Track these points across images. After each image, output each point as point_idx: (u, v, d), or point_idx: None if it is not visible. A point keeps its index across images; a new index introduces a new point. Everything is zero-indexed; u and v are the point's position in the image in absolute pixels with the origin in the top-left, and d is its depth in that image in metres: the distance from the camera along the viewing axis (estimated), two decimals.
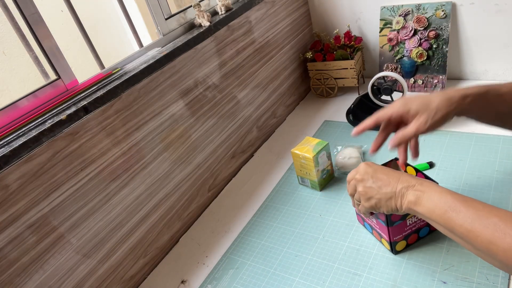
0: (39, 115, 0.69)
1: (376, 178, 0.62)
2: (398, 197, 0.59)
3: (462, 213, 0.51)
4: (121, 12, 0.92)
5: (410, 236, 0.71)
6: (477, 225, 0.49)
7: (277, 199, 0.95)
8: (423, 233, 0.73)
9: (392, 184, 0.60)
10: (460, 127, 0.98)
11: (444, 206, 0.53)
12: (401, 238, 0.71)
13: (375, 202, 0.61)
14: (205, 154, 0.99)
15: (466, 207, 0.51)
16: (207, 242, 0.90)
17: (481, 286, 0.62)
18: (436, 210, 0.54)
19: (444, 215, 0.53)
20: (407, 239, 0.72)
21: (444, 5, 1.11)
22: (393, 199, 0.59)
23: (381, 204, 0.61)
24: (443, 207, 0.53)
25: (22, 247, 0.64)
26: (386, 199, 0.60)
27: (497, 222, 0.47)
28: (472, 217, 0.50)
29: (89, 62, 0.90)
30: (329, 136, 1.11)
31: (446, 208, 0.53)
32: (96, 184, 0.74)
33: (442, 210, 0.53)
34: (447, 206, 0.53)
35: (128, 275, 0.83)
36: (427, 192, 0.56)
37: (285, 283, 0.74)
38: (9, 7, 0.69)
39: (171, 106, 0.88)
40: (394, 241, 0.70)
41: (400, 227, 0.69)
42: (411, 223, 0.70)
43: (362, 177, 0.64)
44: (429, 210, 0.55)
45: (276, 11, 1.20)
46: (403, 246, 0.72)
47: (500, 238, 0.46)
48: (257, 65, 1.15)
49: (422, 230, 0.72)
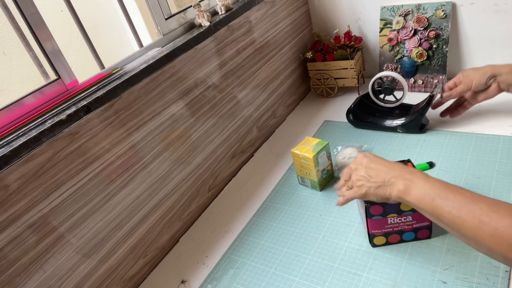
0: (39, 115, 0.69)
1: (368, 168, 0.65)
2: (387, 185, 0.61)
3: (450, 200, 0.52)
4: (121, 12, 0.92)
5: (391, 235, 0.73)
6: (464, 211, 0.50)
7: (277, 199, 0.95)
8: (407, 237, 0.73)
9: (382, 174, 0.62)
10: (460, 127, 0.98)
11: (433, 193, 0.55)
12: (380, 234, 0.72)
13: (365, 190, 0.64)
14: (205, 154, 0.99)
15: (454, 194, 0.53)
16: (207, 242, 0.90)
17: (481, 286, 0.62)
18: (425, 198, 0.55)
19: (432, 202, 0.54)
20: (388, 237, 0.73)
21: (444, 5, 1.11)
22: (382, 188, 0.62)
23: (371, 192, 0.63)
24: (431, 195, 0.55)
25: (22, 247, 0.64)
26: (375, 187, 0.63)
27: (484, 208, 0.49)
28: (460, 203, 0.51)
29: (89, 62, 0.90)
30: (329, 136, 1.11)
31: (434, 195, 0.54)
32: (96, 184, 0.74)
33: (430, 197, 0.55)
34: (435, 194, 0.54)
35: (128, 275, 0.83)
36: (416, 181, 0.58)
37: (285, 283, 0.74)
38: (9, 7, 0.69)
39: (171, 106, 0.88)
40: (372, 234, 0.73)
41: (380, 222, 0.71)
42: (393, 223, 0.71)
43: (356, 166, 0.67)
44: (418, 198, 0.56)
45: (276, 11, 1.20)
46: (382, 241, 0.74)
47: (486, 223, 0.48)
48: (257, 65, 1.15)
49: (406, 234, 0.72)
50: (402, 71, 1.22)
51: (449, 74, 1.20)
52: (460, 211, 0.51)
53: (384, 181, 0.61)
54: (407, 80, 1.21)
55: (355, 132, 1.09)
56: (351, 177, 0.68)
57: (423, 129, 1.00)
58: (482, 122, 0.97)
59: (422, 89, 1.19)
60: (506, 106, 1.01)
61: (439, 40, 1.13)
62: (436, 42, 1.14)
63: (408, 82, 1.21)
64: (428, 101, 0.96)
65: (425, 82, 1.19)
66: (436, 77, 1.16)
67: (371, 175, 0.64)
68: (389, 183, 0.61)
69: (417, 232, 0.72)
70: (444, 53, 1.14)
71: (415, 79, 1.20)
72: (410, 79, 1.21)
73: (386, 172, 0.62)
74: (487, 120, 0.97)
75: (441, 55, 1.14)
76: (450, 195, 0.53)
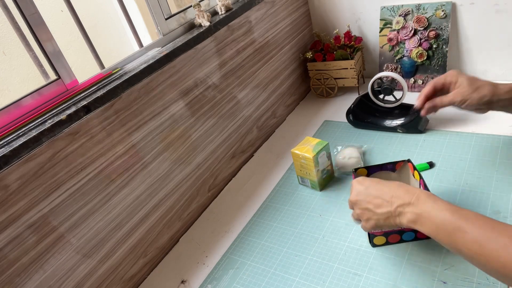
0: (39, 115, 0.69)
1: (370, 197, 0.61)
2: (395, 216, 0.58)
3: (468, 234, 0.49)
4: (121, 12, 0.92)
5: (391, 235, 0.72)
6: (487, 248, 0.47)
7: (277, 199, 0.95)
8: (407, 237, 0.73)
9: (386, 204, 0.59)
10: (460, 127, 0.98)
11: (448, 227, 0.51)
12: (380, 233, 0.72)
13: (374, 222, 0.61)
14: (205, 154, 0.99)
15: (471, 227, 0.49)
16: (207, 242, 0.90)
17: (481, 286, 0.62)
18: (439, 232, 0.52)
19: (449, 237, 0.51)
20: (388, 237, 0.73)
21: (444, 5, 1.11)
22: (391, 218, 0.59)
23: (380, 224, 0.61)
24: (447, 229, 0.51)
25: (22, 247, 0.64)
26: (384, 219, 0.60)
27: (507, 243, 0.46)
28: (480, 238, 0.48)
29: (89, 62, 0.90)
30: (329, 136, 1.11)
31: (450, 230, 0.51)
32: (96, 184, 0.74)
33: (447, 231, 0.51)
34: (451, 227, 0.51)
35: (128, 275, 0.83)
36: (426, 212, 0.54)
37: (285, 283, 0.74)
38: (9, 7, 0.69)
39: (171, 106, 0.88)
40: (372, 233, 0.72)
41: None
42: None
43: (356, 198, 0.63)
44: (432, 231, 0.53)
45: (276, 11, 1.20)
46: (382, 241, 0.73)
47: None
48: (257, 65, 1.15)
49: (406, 234, 0.72)
50: (402, 71, 1.22)
51: None
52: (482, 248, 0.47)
53: (390, 211, 0.58)
54: (407, 80, 1.21)
55: (355, 132, 1.09)
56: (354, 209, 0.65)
57: (423, 129, 1.00)
58: (482, 122, 0.97)
59: (422, 89, 1.19)
60: None
61: (439, 40, 1.13)
62: (436, 42, 1.14)
63: (408, 82, 1.21)
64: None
65: (425, 82, 1.19)
66: (436, 77, 1.16)
67: (375, 205, 0.60)
68: (396, 214, 0.58)
69: (417, 232, 0.71)
70: (444, 53, 1.14)
71: (415, 79, 1.20)
72: (410, 79, 1.21)
73: (389, 200, 0.59)
74: (487, 120, 0.97)
75: (441, 55, 1.14)
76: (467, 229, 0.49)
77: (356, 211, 0.64)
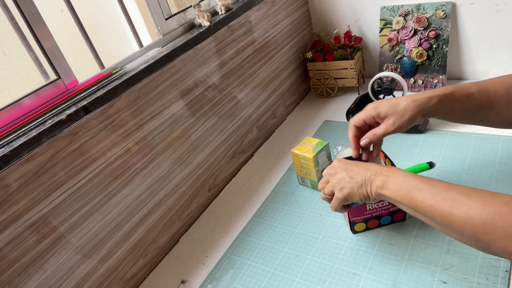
0: (39, 115, 0.69)
1: (348, 170, 0.65)
2: (367, 183, 0.62)
3: (423, 190, 0.54)
4: (121, 12, 0.92)
5: (370, 220, 0.77)
6: (437, 198, 0.52)
7: (277, 199, 0.95)
8: (384, 221, 0.78)
9: (362, 173, 0.63)
10: (460, 127, 0.98)
11: (408, 186, 0.56)
12: (360, 220, 0.77)
13: (347, 191, 0.64)
14: (205, 154, 0.99)
15: (427, 185, 0.54)
16: (207, 242, 0.90)
17: (481, 286, 0.62)
18: (400, 191, 0.57)
19: (407, 194, 0.56)
20: (367, 223, 0.78)
21: (444, 5, 1.11)
22: (363, 186, 0.62)
23: (353, 193, 0.63)
24: (407, 187, 0.56)
25: (22, 247, 0.64)
26: (357, 187, 0.63)
27: (455, 195, 0.50)
28: (432, 192, 0.53)
29: (89, 62, 0.90)
30: (329, 136, 1.11)
31: (410, 187, 0.56)
32: (96, 184, 0.74)
33: (406, 190, 0.56)
34: (410, 186, 0.56)
35: (128, 275, 0.83)
36: (393, 176, 0.59)
37: (285, 283, 0.74)
38: (9, 7, 0.69)
39: (171, 106, 0.88)
40: (353, 221, 0.77)
41: (360, 210, 0.75)
42: (371, 209, 0.75)
43: (335, 170, 0.67)
44: (394, 192, 0.58)
45: (276, 11, 1.20)
46: (362, 228, 0.78)
47: (457, 208, 0.49)
48: (257, 65, 1.15)
49: (384, 218, 0.77)
50: (402, 71, 1.22)
51: (449, 74, 1.20)
52: (432, 200, 0.52)
53: (364, 179, 0.62)
54: (407, 80, 1.21)
55: None
56: (329, 181, 0.68)
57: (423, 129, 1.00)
58: None
59: (422, 89, 1.19)
60: None
61: (439, 40, 1.13)
62: (436, 42, 1.14)
63: (408, 82, 1.21)
64: None
65: (425, 82, 1.19)
66: (436, 77, 1.17)
67: (351, 175, 0.64)
68: (369, 181, 0.62)
69: (393, 216, 0.77)
70: (444, 53, 1.14)
71: (415, 79, 1.20)
72: (410, 79, 1.21)
73: (366, 170, 0.63)
74: None
75: (441, 55, 1.14)
76: (423, 186, 0.55)
77: (331, 182, 0.67)
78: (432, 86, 1.17)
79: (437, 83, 1.16)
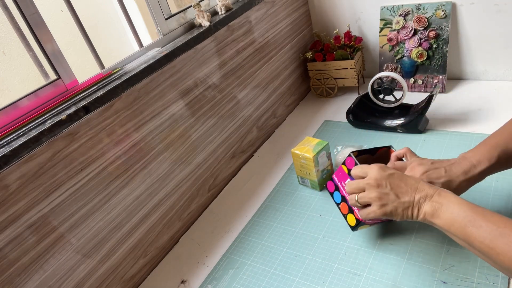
0: (39, 115, 0.69)
1: (394, 185, 0.59)
2: (415, 207, 0.58)
3: (482, 228, 0.50)
4: (121, 12, 0.92)
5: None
6: (499, 242, 0.48)
7: (277, 199, 0.95)
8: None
9: (410, 193, 0.58)
10: (460, 127, 0.98)
11: (463, 220, 0.52)
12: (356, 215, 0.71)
13: (390, 209, 0.59)
14: (205, 154, 0.99)
15: (486, 222, 0.50)
16: (207, 242, 0.90)
17: (481, 286, 0.62)
18: (455, 224, 0.53)
19: (463, 230, 0.52)
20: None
21: (444, 5, 1.11)
22: (410, 209, 0.58)
23: (396, 212, 0.59)
24: (462, 221, 0.52)
25: (22, 247, 0.64)
26: (403, 208, 0.58)
27: None
28: (493, 233, 0.49)
29: (89, 62, 0.90)
30: (329, 136, 1.11)
31: (466, 222, 0.52)
32: (96, 184, 0.74)
33: (461, 224, 0.52)
34: (467, 220, 0.52)
35: (128, 275, 0.83)
36: (445, 204, 0.55)
37: (285, 283, 0.74)
38: (9, 7, 0.69)
39: (171, 106, 0.88)
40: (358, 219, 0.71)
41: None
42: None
43: (378, 182, 0.60)
44: (447, 223, 0.54)
45: (276, 11, 1.20)
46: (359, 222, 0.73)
47: None
48: (257, 65, 1.15)
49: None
50: (402, 71, 1.22)
51: (449, 74, 1.20)
52: (493, 242, 0.48)
53: (412, 201, 0.58)
54: (407, 80, 1.21)
55: (355, 132, 1.09)
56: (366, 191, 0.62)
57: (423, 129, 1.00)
58: (482, 122, 0.97)
59: (422, 89, 1.19)
60: (506, 105, 1.01)
61: (439, 40, 1.13)
62: (436, 42, 1.14)
63: (408, 82, 1.21)
64: (428, 101, 0.96)
65: (425, 82, 1.19)
66: (436, 77, 1.17)
67: (398, 193, 0.59)
68: (417, 204, 0.57)
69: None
70: (444, 53, 1.14)
71: (415, 79, 1.20)
72: (410, 79, 1.21)
73: (414, 191, 0.58)
74: (487, 120, 0.97)
75: (441, 55, 1.14)
76: (482, 223, 0.50)
77: (371, 194, 0.60)
78: (432, 86, 1.17)
79: (437, 83, 1.16)
